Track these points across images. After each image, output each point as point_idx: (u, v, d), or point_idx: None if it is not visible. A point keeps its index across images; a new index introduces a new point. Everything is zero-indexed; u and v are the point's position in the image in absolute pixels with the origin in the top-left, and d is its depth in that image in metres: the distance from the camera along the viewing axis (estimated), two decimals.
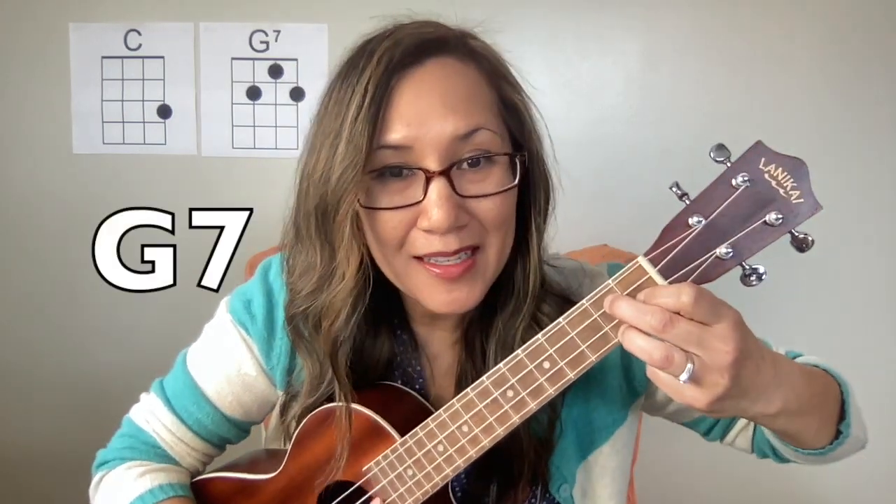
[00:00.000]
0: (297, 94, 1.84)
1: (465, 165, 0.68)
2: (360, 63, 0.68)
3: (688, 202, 0.60)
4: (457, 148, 0.68)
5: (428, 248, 0.69)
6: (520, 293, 0.77)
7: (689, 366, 0.56)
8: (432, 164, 0.67)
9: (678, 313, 0.57)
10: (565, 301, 0.79)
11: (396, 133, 0.67)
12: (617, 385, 0.84)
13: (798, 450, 0.73)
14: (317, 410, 0.78)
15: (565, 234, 0.90)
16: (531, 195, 0.75)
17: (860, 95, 1.71)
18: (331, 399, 0.78)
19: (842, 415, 0.72)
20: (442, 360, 0.84)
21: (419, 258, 0.71)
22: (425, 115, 0.66)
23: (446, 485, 0.75)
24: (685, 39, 1.74)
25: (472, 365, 0.80)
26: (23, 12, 1.84)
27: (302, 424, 0.79)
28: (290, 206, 0.77)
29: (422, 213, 0.68)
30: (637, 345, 0.58)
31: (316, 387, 0.79)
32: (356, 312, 0.74)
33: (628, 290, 0.61)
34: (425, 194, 0.67)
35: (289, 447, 0.81)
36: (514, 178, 0.71)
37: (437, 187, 0.66)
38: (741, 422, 0.87)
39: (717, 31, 1.73)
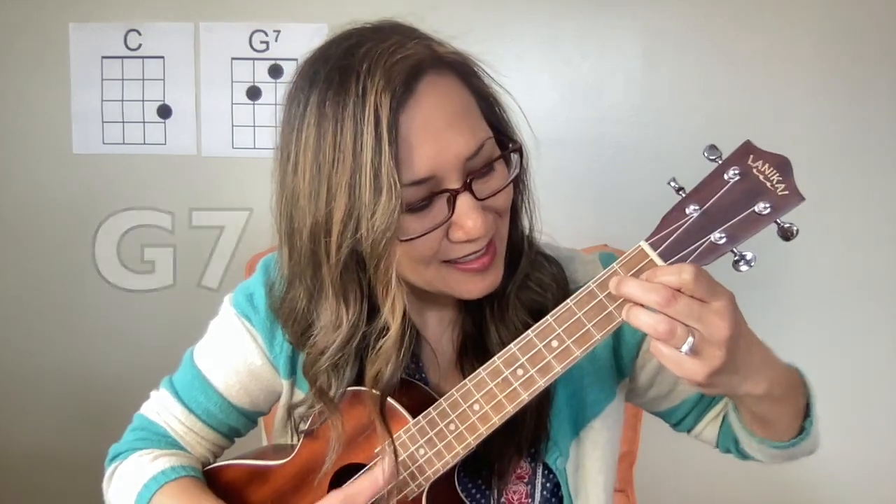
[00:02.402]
0: None
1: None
2: (348, 102, 0.67)
3: (684, 195, 0.65)
4: (469, 163, 0.71)
5: (462, 251, 0.72)
6: (511, 254, 0.80)
7: (690, 339, 0.60)
8: (454, 184, 0.70)
9: (679, 291, 0.60)
10: (555, 264, 0.84)
11: (420, 167, 0.68)
12: (608, 364, 0.88)
13: (765, 441, 0.78)
14: None
15: (565, 235, 0.90)
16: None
17: (861, 95, 1.71)
18: None
19: (805, 413, 0.77)
20: (442, 342, 0.86)
21: (449, 261, 0.74)
22: (439, 144, 0.68)
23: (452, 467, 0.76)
24: (685, 39, 1.75)
25: (473, 323, 0.82)
26: (23, 12, 1.85)
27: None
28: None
29: (453, 226, 0.71)
30: (642, 320, 0.62)
31: None
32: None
33: (631, 273, 0.65)
34: (452, 210, 0.70)
35: (297, 440, 0.83)
36: (511, 166, 0.75)
37: (464, 201, 0.70)
38: (710, 413, 0.91)
39: (717, 30, 1.74)
